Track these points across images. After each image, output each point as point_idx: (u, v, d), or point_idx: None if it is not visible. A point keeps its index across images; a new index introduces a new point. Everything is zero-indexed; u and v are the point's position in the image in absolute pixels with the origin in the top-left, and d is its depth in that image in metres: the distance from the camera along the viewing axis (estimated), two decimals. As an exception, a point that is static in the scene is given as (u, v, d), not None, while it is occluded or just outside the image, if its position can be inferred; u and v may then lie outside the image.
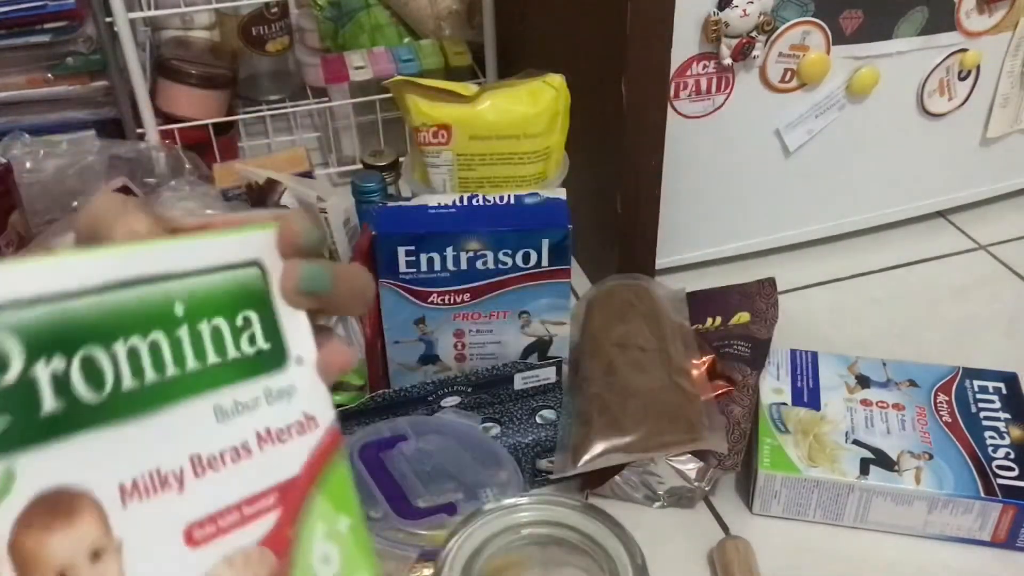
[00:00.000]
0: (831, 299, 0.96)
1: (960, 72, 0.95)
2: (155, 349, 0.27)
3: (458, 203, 0.74)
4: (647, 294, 0.83)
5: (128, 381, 0.26)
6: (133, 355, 0.27)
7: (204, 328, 0.29)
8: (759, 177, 0.95)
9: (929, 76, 0.94)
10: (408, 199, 0.82)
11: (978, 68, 0.96)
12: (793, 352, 0.80)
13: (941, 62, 0.93)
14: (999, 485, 0.68)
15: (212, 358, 0.29)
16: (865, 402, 0.75)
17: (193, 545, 0.27)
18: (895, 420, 0.74)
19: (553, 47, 1.01)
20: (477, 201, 0.74)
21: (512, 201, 0.74)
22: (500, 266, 0.73)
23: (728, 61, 0.84)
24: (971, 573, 0.68)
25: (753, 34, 0.84)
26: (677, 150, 0.88)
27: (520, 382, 0.77)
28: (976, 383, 0.77)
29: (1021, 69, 0.98)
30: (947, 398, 0.76)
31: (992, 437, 0.72)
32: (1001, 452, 0.71)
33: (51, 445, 0.24)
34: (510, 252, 0.72)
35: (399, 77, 0.83)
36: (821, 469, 0.69)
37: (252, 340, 0.30)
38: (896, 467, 0.69)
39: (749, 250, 1.00)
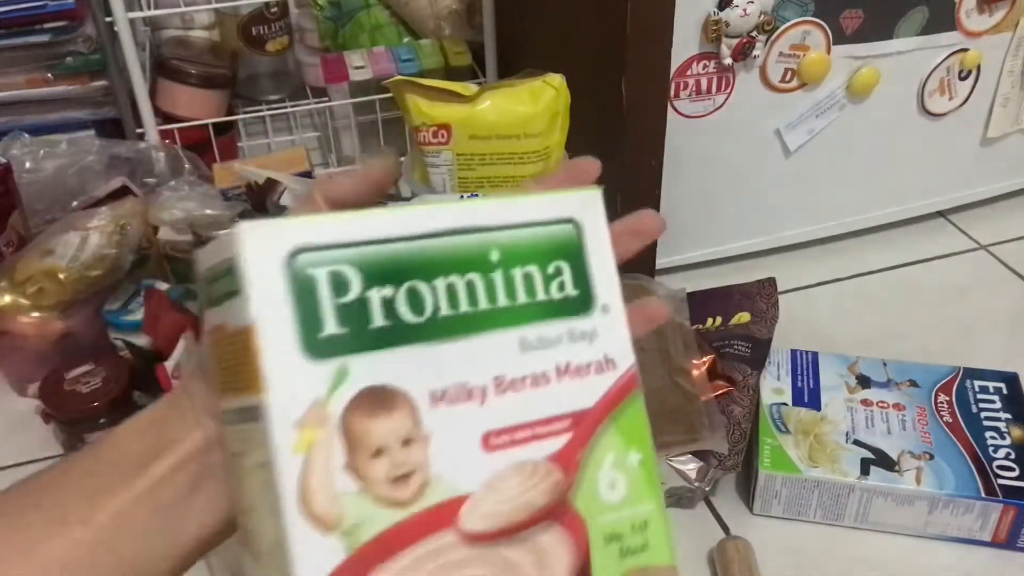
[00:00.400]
0: (832, 299, 0.96)
1: (960, 72, 0.95)
2: (470, 286, 0.33)
3: (458, 203, 0.74)
4: (647, 294, 0.83)
5: (445, 310, 0.32)
6: (451, 290, 0.32)
7: (517, 273, 0.34)
8: (759, 177, 0.95)
9: (930, 76, 0.94)
10: (408, 199, 0.82)
11: (978, 68, 0.96)
12: (794, 352, 0.80)
13: (941, 62, 0.93)
14: (1000, 485, 0.68)
15: (522, 298, 0.34)
16: (866, 402, 0.75)
17: (488, 449, 0.32)
18: (896, 420, 0.73)
19: (553, 47, 1.01)
20: (477, 201, 0.74)
21: (512, 201, 0.74)
22: (500, 266, 0.73)
23: (728, 61, 0.84)
24: (972, 573, 0.68)
25: (753, 34, 0.84)
26: (677, 150, 0.88)
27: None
28: (977, 383, 0.77)
29: (1021, 69, 0.98)
30: (948, 398, 0.75)
31: (993, 437, 0.72)
32: (1002, 452, 0.71)
33: (378, 352, 0.30)
34: (510, 252, 0.72)
35: (399, 77, 0.83)
36: (821, 469, 0.69)
37: (562, 287, 0.35)
38: (897, 467, 0.69)
39: (749, 250, 1.00)
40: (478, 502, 0.31)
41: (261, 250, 0.29)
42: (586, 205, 0.36)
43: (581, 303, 0.35)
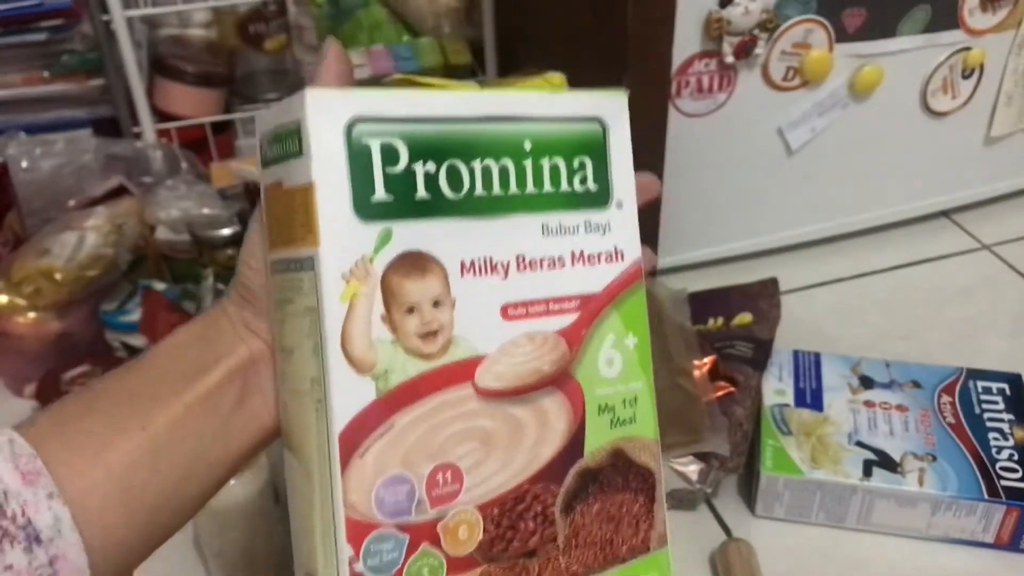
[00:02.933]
0: (834, 299, 0.96)
1: (964, 70, 0.95)
2: (504, 171, 0.36)
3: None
4: (648, 294, 0.83)
5: (479, 189, 0.35)
6: (486, 172, 0.35)
7: (545, 163, 0.37)
8: (761, 176, 0.94)
9: (932, 74, 0.93)
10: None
11: (982, 66, 0.95)
12: (796, 353, 0.80)
13: (944, 60, 0.93)
14: (1003, 487, 0.67)
15: (548, 187, 0.37)
16: (868, 403, 0.75)
17: (506, 318, 0.36)
18: (898, 421, 0.73)
19: (553, 45, 1.01)
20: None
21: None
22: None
23: (730, 59, 0.84)
24: (974, 575, 0.68)
25: (755, 32, 0.83)
26: (679, 149, 0.87)
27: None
28: (980, 384, 0.77)
29: (1025, 67, 0.98)
30: (951, 399, 0.75)
31: (996, 439, 0.71)
32: (1005, 454, 0.70)
33: (419, 221, 0.34)
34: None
35: (398, 75, 0.83)
36: (824, 471, 0.69)
37: (583, 180, 0.38)
38: (899, 469, 0.69)
39: (751, 250, 0.99)
40: (493, 363, 0.35)
41: (325, 116, 0.32)
42: (613, 107, 0.40)
43: (599, 197, 0.39)
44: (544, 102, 0.37)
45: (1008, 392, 0.76)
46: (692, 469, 0.71)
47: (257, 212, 0.37)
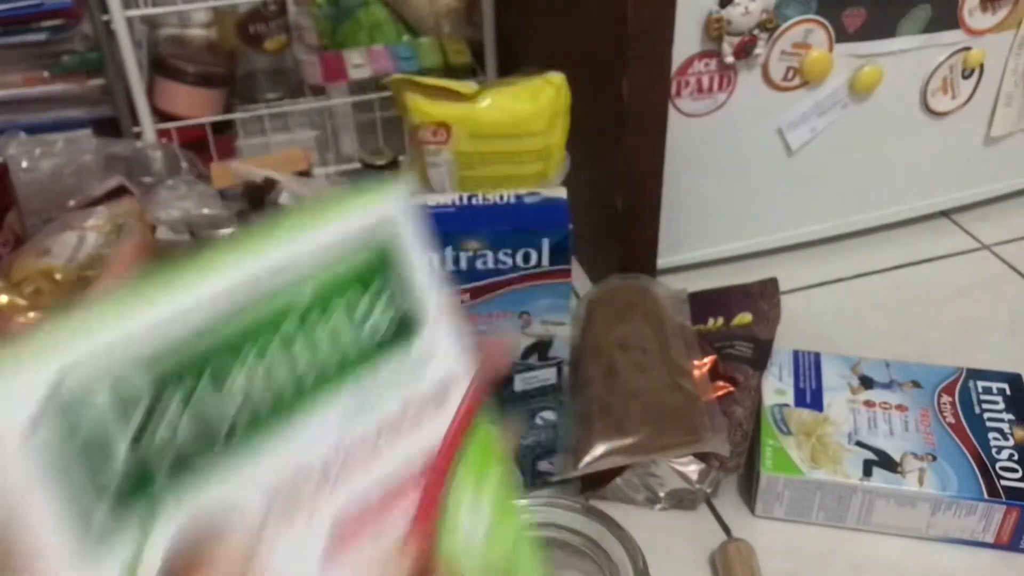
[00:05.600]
0: (834, 299, 0.96)
1: (964, 70, 0.95)
2: (272, 365, 0.27)
3: (457, 202, 0.74)
4: (648, 294, 0.83)
5: (256, 398, 0.26)
6: (250, 377, 0.26)
7: (326, 322, 0.28)
8: (761, 176, 0.94)
9: (932, 74, 0.93)
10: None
11: (982, 66, 0.95)
12: (796, 353, 0.80)
13: (944, 60, 0.93)
14: (1003, 487, 0.68)
15: (337, 347, 0.28)
16: (868, 403, 0.75)
17: (331, 561, 0.27)
18: (898, 421, 0.73)
19: (554, 45, 1.01)
20: (476, 200, 0.74)
21: (512, 200, 0.74)
22: (500, 266, 0.72)
23: (730, 59, 0.84)
24: (974, 575, 0.68)
25: (755, 32, 0.83)
26: (678, 149, 0.87)
27: (520, 383, 0.76)
28: (980, 384, 0.77)
29: (1025, 67, 0.98)
30: (951, 399, 0.75)
31: (996, 438, 0.71)
32: (1005, 454, 0.70)
33: (184, 484, 0.25)
34: (510, 252, 0.72)
35: (398, 75, 0.83)
36: (824, 471, 0.69)
37: (387, 306, 0.30)
38: (899, 469, 0.69)
39: (751, 250, 0.99)
40: None
41: None
42: (393, 206, 0.31)
43: (407, 326, 0.31)
44: (296, 251, 0.27)
45: (1008, 392, 0.76)
46: (692, 469, 0.71)
47: None
